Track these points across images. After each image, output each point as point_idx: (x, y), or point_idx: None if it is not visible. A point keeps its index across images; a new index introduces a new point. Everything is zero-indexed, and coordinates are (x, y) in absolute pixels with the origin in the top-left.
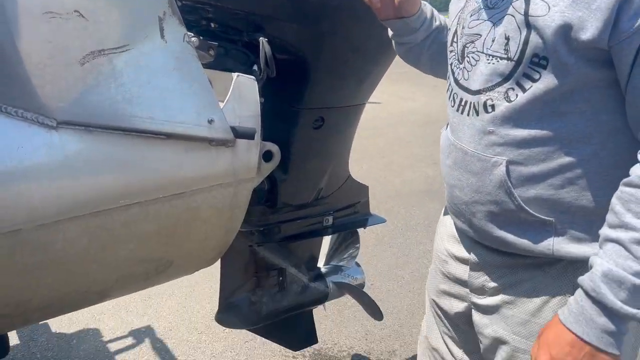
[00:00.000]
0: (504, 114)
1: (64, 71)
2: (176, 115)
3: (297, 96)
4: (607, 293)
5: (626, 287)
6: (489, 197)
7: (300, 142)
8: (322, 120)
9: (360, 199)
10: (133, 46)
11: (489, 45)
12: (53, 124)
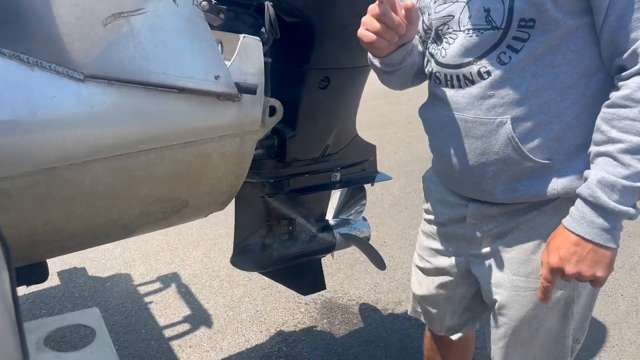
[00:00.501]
0: (501, 76)
1: (90, 31)
2: (186, 71)
3: (303, 57)
4: (602, 196)
5: (617, 189)
6: (497, 155)
7: (306, 101)
8: (328, 81)
9: (367, 157)
10: (148, 9)
11: (466, 22)
12: (81, 77)
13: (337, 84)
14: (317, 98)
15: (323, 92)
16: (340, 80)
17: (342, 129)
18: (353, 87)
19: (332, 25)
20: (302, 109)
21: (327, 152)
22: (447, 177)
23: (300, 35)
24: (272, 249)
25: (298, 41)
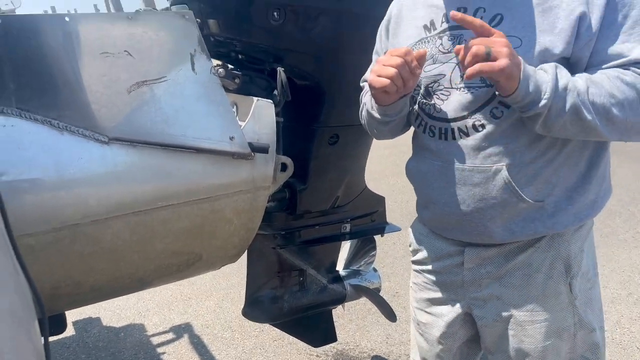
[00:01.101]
0: (495, 129)
1: (115, 98)
2: (204, 133)
3: (313, 116)
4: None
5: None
6: (495, 200)
7: (317, 157)
8: (337, 137)
9: (377, 208)
10: (170, 77)
11: (458, 80)
12: (105, 140)
13: (346, 140)
14: (327, 153)
15: (332, 147)
16: (349, 136)
17: (351, 182)
18: (361, 142)
19: (340, 87)
20: (313, 164)
21: (337, 204)
22: (440, 225)
23: (311, 96)
24: (283, 301)
25: (308, 101)
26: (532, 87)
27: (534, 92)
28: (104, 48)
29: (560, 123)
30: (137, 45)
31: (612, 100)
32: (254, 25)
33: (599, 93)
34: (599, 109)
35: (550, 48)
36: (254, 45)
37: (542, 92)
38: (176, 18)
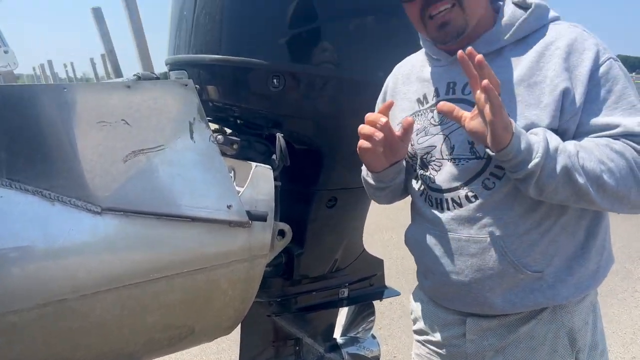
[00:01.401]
0: (487, 200)
1: (110, 167)
2: (200, 201)
3: (312, 179)
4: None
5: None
6: (492, 271)
7: (315, 220)
8: (335, 200)
9: (375, 272)
10: (167, 146)
11: (449, 152)
12: (98, 210)
13: (345, 203)
14: (325, 217)
15: (331, 211)
16: (347, 199)
17: (349, 245)
18: (360, 205)
19: (339, 151)
20: (310, 228)
21: (335, 269)
22: (440, 295)
23: (309, 160)
24: None
25: (307, 165)
26: (523, 145)
27: (526, 150)
28: (101, 117)
29: (553, 185)
30: (135, 114)
31: (602, 166)
32: (253, 92)
33: (589, 158)
34: (589, 174)
35: (536, 122)
36: (253, 111)
37: (534, 152)
38: (176, 87)
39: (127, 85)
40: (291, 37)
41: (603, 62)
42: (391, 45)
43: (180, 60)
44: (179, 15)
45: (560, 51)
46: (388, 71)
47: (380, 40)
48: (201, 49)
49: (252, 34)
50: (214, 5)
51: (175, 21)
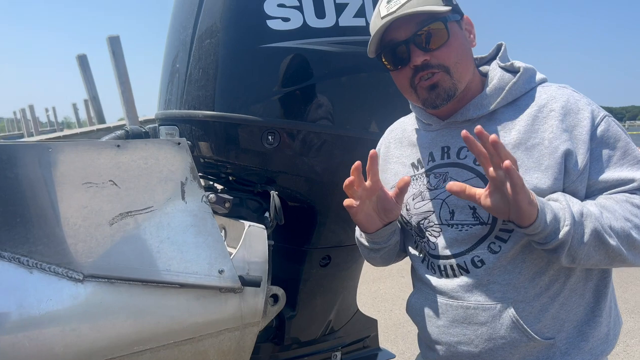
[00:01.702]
0: (495, 264)
1: (95, 231)
2: (190, 266)
3: (305, 237)
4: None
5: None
6: (504, 340)
7: (307, 280)
8: (329, 259)
9: (369, 333)
10: (157, 207)
11: (449, 217)
12: (80, 278)
13: (338, 261)
14: (319, 276)
15: (324, 270)
16: (341, 257)
17: (343, 306)
18: (353, 263)
19: (332, 207)
20: (303, 288)
21: (327, 331)
22: None
23: (302, 217)
24: None
25: (300, 222)
26: (549, 216)
27: (553, 220)
28: (88, 178)
29: (585, 250)
30: (123, 175)
31: (628, 223)
32: (247, 149)
33: (614, 217)
34: (619, 233)
35: (538, 185)
36: (246, 168)
37: (562, 220)
38: (168, 145)
39: (116, 144)
40: (286, 93)
41: (600, 120)
42: (385, 101)
43: (171, 115)
44: (171, 70)
45: (556, 113)
46: (382, 127)
47: (374, 96)
48: (194, 104)
49: (246, 90)
50: (209, 61)
51: (167, 75)
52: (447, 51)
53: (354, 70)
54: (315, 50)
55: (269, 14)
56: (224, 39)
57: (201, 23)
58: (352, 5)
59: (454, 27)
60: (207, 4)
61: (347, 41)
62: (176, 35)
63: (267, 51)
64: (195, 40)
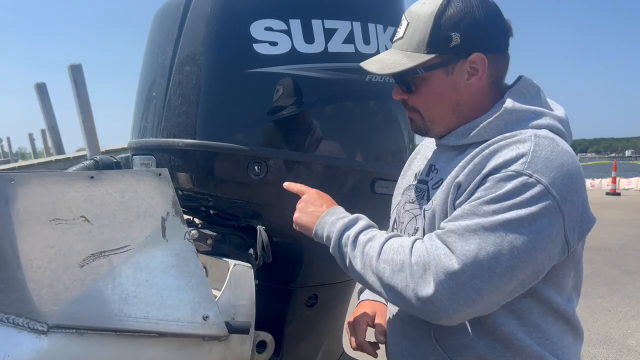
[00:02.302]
0: None
1: (63, 274)
2: (171, 313)
3: (291, 276)
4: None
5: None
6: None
7: (293, 321)
8: (316, 298)
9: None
10: (134, 246)
11: (412, 232)
12: (44, 329)
13: (326, 301)
14: (305, 317)
15: (311, 310)
16: (328, 296)
17: (328, 349)
18: (340, 303)
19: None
20: (288, 331)
21: None
22: None
23: (289, 254)
24: None
25: (286, 260)
26: (324, 234)
27: (325, 240)
28: (55, 214)
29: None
30: (97, 210)
31: (385, 265)
32: (231, 180)
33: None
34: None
35: None
36: (229, 201)
37: (328, 241)
38: (148, 177)
39: (89, 175)
40: (274, 121)
41: (502, 174)
42: (376, 130)
43: (147, 144)
44: (147, 96)
45: (486, 152)
46: (373, 156)
47: (366, 125)
48: (173, 132)
49: (231, 117)
50: (190, 86)
51: (143, 101)
52: (416, 98)
53: (343, 98)
54: (304, 77)
55: (256, 37)
56: (207, 62)
57: (182, 45)
58: (341, 30)
59: (432, 75)
60: (189, 25)
61: (337, 68)
62: (154, 58)
63: (253, 76)
64: (175, 64)
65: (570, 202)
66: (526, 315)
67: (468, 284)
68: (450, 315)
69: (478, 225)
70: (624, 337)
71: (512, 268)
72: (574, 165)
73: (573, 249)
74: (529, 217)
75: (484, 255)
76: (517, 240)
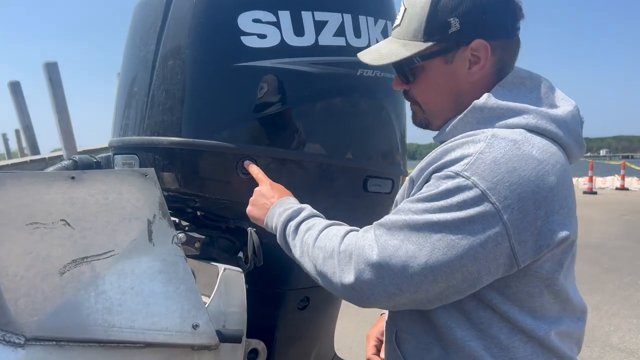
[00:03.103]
0: None
1: (41, 282)
2: (159, 322)
3: (281, 279)
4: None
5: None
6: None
7: (284, 326)
8: (308, 301)
9: None
10: (119, 251)
11: None
12: (21, 342)
13: (317, 303)
14: (296, 320)
15: (302, 313)
16: (320, 298)
17: (320, 352)
18: (331, 306)
19: None
20: (279, 336)
21: None
22: None
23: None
24: None
25: (276, 261)
26: (272, 225)
27: (274, 230)
28: (33, 217)
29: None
30: (78, 212)
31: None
32: (219, 180)
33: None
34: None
35: None
36: (218, 201)
37: (276, 231)
38: (134, 177)
39: (70, 175)
40: (264, 117)
41: (442, 173)
42: (369, 127)
43: (130, 142)
44: (129, 92)
45: (441, 149)
46: (364, 153)
47: (357, 121)
48: (157, 130)
49: (218, 113)
50: (175, 81)
51: (124, 98)
52: (416, 89)
53: (335, 93)
54: (294, 71)
55: (244, 29)
56: (193, 56)
57: (166, 38)
58: (332, 23)
59: (430, 65)
60: (173, 17)
61: (328, 62)
62: (136, 53)
63: (241, 70)
64: (158, 58)
65: (520, 212)
66: (485, 327)
67: (387, 277)
68: (373, 303)
69: (405, 221)
70: (607, 335)
71: (433, 270)
72: (534, 172)
73: (525, 264)
74: (456, 221)
75: (403, 252)
76: (440, 242)
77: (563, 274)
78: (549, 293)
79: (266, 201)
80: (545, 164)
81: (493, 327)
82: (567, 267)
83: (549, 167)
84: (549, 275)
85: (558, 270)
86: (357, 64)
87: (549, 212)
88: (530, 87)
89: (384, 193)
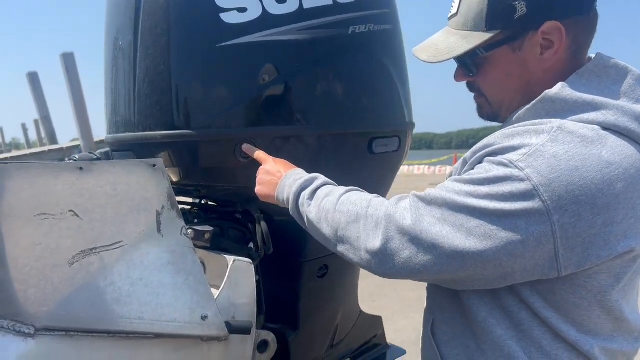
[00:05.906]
0: (429, 285)
1: (51, 273)
2: (168, 313)
3: (297, 251)
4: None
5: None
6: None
7: (307, 295)
8: (327, 268)
9: (375, 332)
10: (128, 242)
11: None
12: (30, 332)
13: (336, 270)
14: (318, 289)
15: (322, 281)
16: (339, 264)
17: (346, 313)
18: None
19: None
20: (303, 305)
21: (334, 342)
22: None
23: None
24: None
25: (291, 236)
26: (284, 198)
27: (286, 202)
28: (42, 208)
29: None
30: (87, 204)
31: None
32: (220, 167)
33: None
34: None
35: None
36: (222, 189)
37: (288, 203)
38: (142, 168)
39: (78, 166)
40: (255, 97)
41: (496, 158)
42: (372, 92)
43: (124, 139)
44: (114, 88)
45: (500, 133)
46: (370, 120)
47: (358, 87)
48: (149, 124)
49: (208, 99)
50: (159, 70)
51: (110, 94)
52: (481, 81)
53: (328, 58)
54: (282, 42)
55: (221, 6)
56: (173, 41)
57: (143, 25)
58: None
59: (496, 54)
60: (146, 1)
61: (316, 25)
62: (115, 44)
63: (225, 50)
64: (138, 49)
65: (573, 215)
66: (526, 329)
67: (414, 251)
68: (393, 275)
69: (445, 200)
70: None
71: (463, 256)
72: (599, 175)
73: (567, 273)
74: (499, 212)
75: (437, 231)
76: (477, 230)
77: (620, 289)
78: (600, 308)
79: (273, 177)
80: (615, 168)
81: (534, 331)
82: (627, 282)
83: (619, 172)
84: (602, 289)
85: (613, 285)
86: (348, 21)
87: (608, 222)
88: (614, 78)
89: (392, 152)
